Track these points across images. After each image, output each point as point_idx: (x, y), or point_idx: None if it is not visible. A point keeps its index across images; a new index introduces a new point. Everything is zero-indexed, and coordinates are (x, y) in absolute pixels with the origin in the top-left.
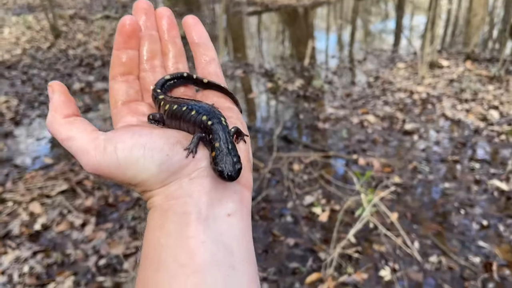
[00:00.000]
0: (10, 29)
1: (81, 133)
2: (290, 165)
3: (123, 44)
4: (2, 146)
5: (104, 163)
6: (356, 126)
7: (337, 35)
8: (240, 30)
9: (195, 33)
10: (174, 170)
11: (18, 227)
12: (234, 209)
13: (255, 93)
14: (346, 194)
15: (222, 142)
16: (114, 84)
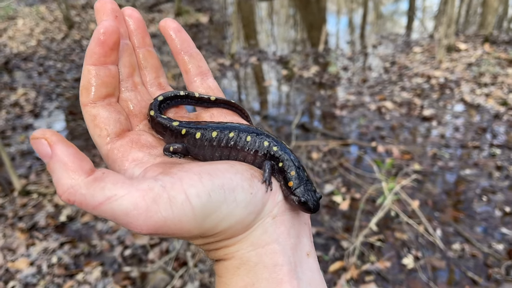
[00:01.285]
0: (23, 20)
1: (123, 188)
2: (308, 154)
3: (103, 57)
4: (23, 138)
5: (174, 217)
6: (373, 112)
7: (350, 19)
8: (251, 17)
9: (181, 42)
10: (259, 209)
11: (44, 219)
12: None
13: (269, 80)
14: (366, 182)
15: (296, 168)
16: (99, 111)
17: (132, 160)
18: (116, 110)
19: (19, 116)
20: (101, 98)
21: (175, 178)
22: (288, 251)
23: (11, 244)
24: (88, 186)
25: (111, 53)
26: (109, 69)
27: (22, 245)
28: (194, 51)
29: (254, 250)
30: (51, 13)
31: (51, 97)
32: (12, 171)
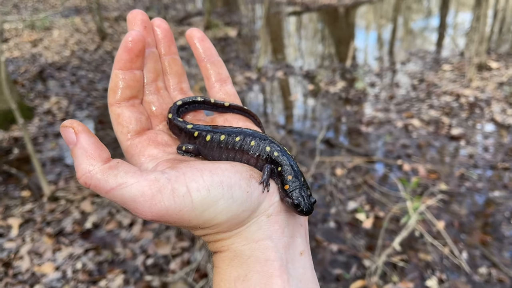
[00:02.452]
0: (59, 31)
1: (133, 177)
2: (333, 170)
3: (129, 63)
4: (54, 145)
5: (175, 207)
6: (400, 130)
7: (379, 35)
8: (279, 31)
9: (204, 50)
10: (254, 207)
11: (71, 225)
12: (303, 245)
13: (296, 95)
14: (391, 200)
15: (294, 173)
16: (123, 111)
17: (148, 155)
18: (138, 111)
19: (51, 123)
20: (126, 99)
21: (180, 173)
22: (281, 248)
23: (38, 248)
24: (103, 172)
25: (137, 60)
26: (134, 74)
27: (48, 250)
28: (216, 59)
29: (247, 244)
30: (85, 24)
31: (82, 106)
32: (42, 177)
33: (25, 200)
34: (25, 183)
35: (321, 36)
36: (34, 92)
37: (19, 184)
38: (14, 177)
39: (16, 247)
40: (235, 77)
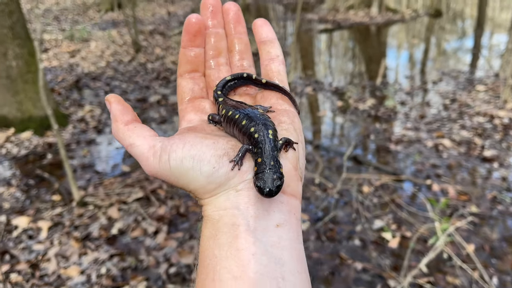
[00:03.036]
0: (96, 43)
1: (141, 140)
2: (359, 187)
3: (189, 42)
4: (86, 152)
5: (160, 170)
6: (430, 149)
7: (411, 54)
8: (310, 48)
9: (262, 32)
10: (221, 182)
11: (98, 230)
12: (282, 219)
13: (324, 111)
14: (419, 220)
15: (265, 157)
16: (182, 81)
17: (187, 119)
18: (194, 82)
19: (84, 131)
20: (187, 72)
21: (170, 142)
22: (249, 217)
23: (65, 251)
24: (123, 131)
25: (195, 39)
26: (194, 51)
27: (75, 254)
28: (270, 39)
29: (217, 211)
30: (121, 37)
31: None
32: (73, 182)
33: (55, 204)
34: (56, 188)
35: (351, 53)
36: (69, 100)
37: (51, 188)
38: (46, 181)
39: (44, 250)
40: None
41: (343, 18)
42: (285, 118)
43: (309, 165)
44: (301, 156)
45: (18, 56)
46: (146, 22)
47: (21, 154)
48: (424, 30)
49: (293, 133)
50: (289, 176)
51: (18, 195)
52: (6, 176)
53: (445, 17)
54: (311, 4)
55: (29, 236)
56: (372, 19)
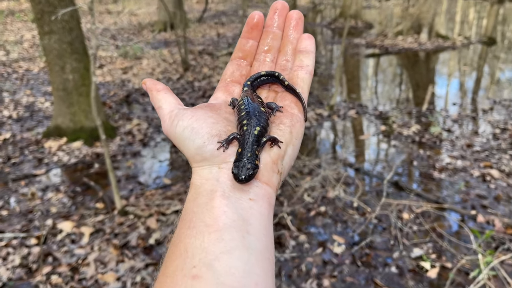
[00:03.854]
0: (148, 61)
1: (166, 104)
2: (399, 213)
3: (247, 33)
4: (131, 164)
5: (170, 132)
6: (476, 179)
7: (461, 82)
8: (356, 71)
9: (304, 43)
10: (206, 156)
11: (136, 239)
12: (256, 196)
13: (367, 134)
14: (461, 252)
15: (244, 148)
16: (229, 65)
17: (215, 96)
18: (238, 68)
19: (130, 143)
20: (236, 58)
21: (184, 112)
22: (226, 188)
23: (104, 257)
24: (155, 96)
25: (252, 31)
26: (248, 42)
27: (113, 260)
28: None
29: (199, 179)
30: (171, 56)
31: (159, 130)
32: (116, 191)
33: (98, 211)
34: (100, 196)
35: (398, 79)
36: (119, 114)
37: (95, 196)
38: (92, 189)
39: (85, 254)
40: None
41: (391, 43)
42: (287, 121)
43: (349, 188)
44: (287, 156)
45: (75, 70)
46: (196, 42)
47: (70, 162)
48: (476, 58)
49: (287, 135)
50: (265, 167)
51: (65, 201)
52: (56, 182)
53: (499, 46)
54: (359, 29)
55: (72, 241)
56: (421, 45)
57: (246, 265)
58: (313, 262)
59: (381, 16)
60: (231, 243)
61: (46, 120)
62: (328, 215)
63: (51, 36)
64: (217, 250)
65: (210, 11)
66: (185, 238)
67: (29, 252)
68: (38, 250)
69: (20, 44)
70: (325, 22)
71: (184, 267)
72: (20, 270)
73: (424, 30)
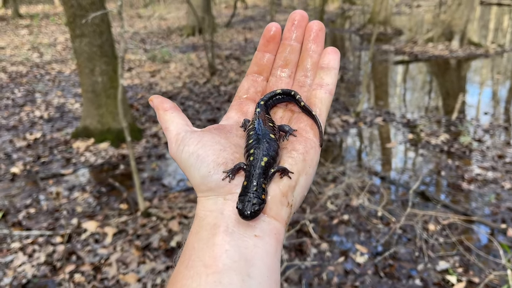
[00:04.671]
0: (175, 65)
1: (173, 125)
2: (424, 224)
3: (263, 46)
4: (155, 166)
5: (176, 157)
6: (507, 192)
7: (494, 91)
8: (384, 78)
9: (327, 58)
10: (211, 186)
11: (157, 241)
12: (262, 233)
13: (394, 143)
14: (489, 266)
15: (249, 181)
16: (245, 80)
17: (227, 116)
18: (252, 84)
19: (156, 146)
20: (251, 73)
21: (191, 136)
22: (229, 222)
23: (126, 258)
24: (162, 117)
25: (268, 44)
26: (264, 55)
27: (134, 261)
28: (332, 68)
29: (203, 211)
30: (199, 60)
31: None
32: (140, 193)
33: (122, 212)
34: (124, 197)
35: (427, 87)
36: (145, 116)
37: (119, 197)
38: (117, 190)
39: (107, 254)
40: (332, 119)
41: (421, 50)
42: (300, 147)
43: (373, 197)
44: (299, 186)
45: (104, 72)
46: (223, 47)
47: (97, 163)
48: (510, 66)
49: (300, 163)
50: (274, 200)
51: (90, 200)
52: (82, 182)
53: None
54: (389, 35)
55: (96, 240)
56: (452, 53)
57: None
58: (334, 271)
59: (411, 23)
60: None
61: (75, 121)
62: (351, 223)
63: (82, 39)
64: None
65: (238, 16)
66: (182, 278)
67: (54, 250)
68: (63, 249)
69: (54, 46)
70: (354, 28)
71: None
72: (45, 268)
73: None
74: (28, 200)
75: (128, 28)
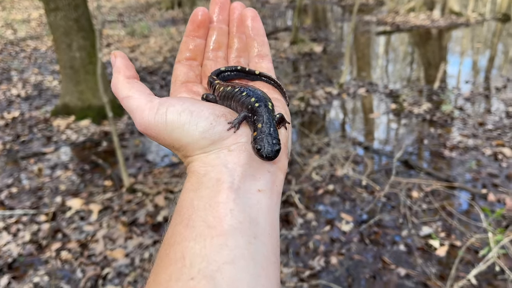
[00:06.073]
0: (155, 39)
1: (139, 93)
2: (408, 192)
3: (193, 32)
4: (138, 142)
5: (154, 123)
6: (488, 158)
7: (473, 60)
8: (366, 49)
9: (252, 28)
10: (215, 139)
11: (144, 217)
12: (265, 186)
13: (377, 113)
14: (470, 230)
15: (264, 124)
16: (178, 67)
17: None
18: (190, 69)
19: None
20: (185, 59)
21: (169, 100)
22: (235, 175)
23: (112, 234)
24: (121, 83)
25: (198, 29)
26: (195, 41)
27: (121, 237)
28: (262, 38)
29: (204, 167)
30: (179, 34)
31: None
32: (124, 169)
33: (106, 189)
34: (108, 174)
35: (409, 57)
36: None
37: (104, 174)
38: (100, 167)
39: (94, 231)
40: (315, 91)
41: (402, 20)
42: (277, 104)
43: (357, 166)
44: (289, 138)
45: (82, 47)
46: None
47: (79, 141)
48: (490, 35)
49: (285, 116)
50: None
51: (74, 178)
52: (64, 160)
53: None
54: (370, 6)
55: (81, 218)
56: (434, 23)
57: (252, 276)
58: (320, 240)
59: None
60: (236, 251)
61: (54, 99)
62: (336, 193)
63: (57, 13)
64: (220, 260)
65: None
66: (182, 240)
67: (39, 229)
68: (48, 227)
69: (28, 22)
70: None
71: (180, 278)
72: (30, 246)
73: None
74: (10, 180)
75: (105, 2)
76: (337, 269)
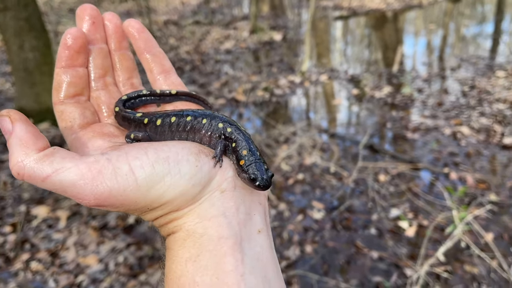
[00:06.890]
0: None
1: (71, 161)
2: (375, 176)
3: (70, 60)
4: None
5: (118, 187)
6: (448, 137)
7: (428, 41)
8: (325, 35)
9: (143, 42)
10: (205, 182)
11: (115, 220)
12: (262, 223)
13: (339, 99)
14: (436, 209)
15: (248, 150)
16: (65, 108)
17: (93, 147)
18: (82, 106)
19: None
20: (70, 97)
21: (122, 152)
22: (235, 226)
23: (83, 240)
24: (38, 160)
25: (78, 56)
26: (77, 71)
27: (93, 243)
28: (157, 50)
29: (200, 222)
30: None
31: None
32: None
33: None
34: None
35: (367, 41)
36: None
37: None
38: None
39: (63, 238)
40: (278, 80)
41: (358, 4)
42: None
43: (324, 154)
44: None
45: (35, 48)
46: (160, 12)
47: None
48: (442, 15)
49: None
50: None
51: None
52: None
53: (464, 2)
54: None
55: (49, 226)
56: (389, 5)
57: None
58: (294, 230)
59: None
60: None
61: (8, 103)
62: (306, 182)
63: (6, 13)
64: None
65: None
66: None
67: (5, 241)
68: (14, 238)
69: None
70: None
71: None
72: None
73: None
74: None
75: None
76: (313, 257)
